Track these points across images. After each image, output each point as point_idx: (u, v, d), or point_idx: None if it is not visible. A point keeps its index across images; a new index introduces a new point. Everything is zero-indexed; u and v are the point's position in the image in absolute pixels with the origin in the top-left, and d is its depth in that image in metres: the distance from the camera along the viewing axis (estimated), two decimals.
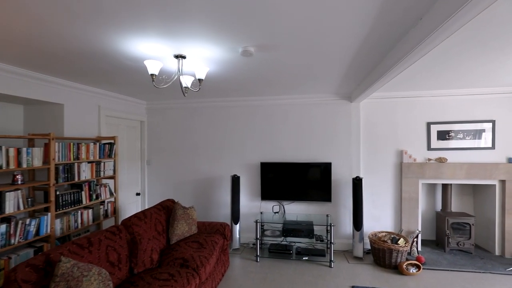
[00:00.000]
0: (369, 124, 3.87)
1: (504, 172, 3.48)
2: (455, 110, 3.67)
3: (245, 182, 4.17)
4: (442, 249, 3.73)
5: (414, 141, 3.77)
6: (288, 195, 3.93)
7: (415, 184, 3.72)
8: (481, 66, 2.61)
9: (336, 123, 3.92)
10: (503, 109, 3.54)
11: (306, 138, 3.99)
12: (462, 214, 3.71)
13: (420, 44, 1.67)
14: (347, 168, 3.89)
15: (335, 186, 3.91)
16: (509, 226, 3.48)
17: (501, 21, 1.69)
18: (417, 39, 1.70)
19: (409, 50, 1.82)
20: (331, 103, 3.92)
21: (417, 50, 1.77)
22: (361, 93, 3.32)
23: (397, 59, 2.10)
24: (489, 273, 3.13)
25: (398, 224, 3.83)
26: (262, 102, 4.07)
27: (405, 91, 3.70)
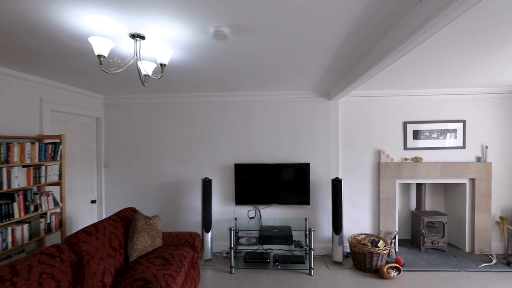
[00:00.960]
0: (347, 123, 3.75)
1: (474, 171, 3.56)
2: (429, 109, 3.68)
3: (218, 186, 3.82)
4: (417, 248, 3.73)
5: (391, 141, 3.73)
6: (264, 199, 3.65)
7: (392, 184, 3.67)
8: (453, 68, 2.58)
9: (314, 122, 3.74)
10: (473, 109, 3.62)
11: (284, 138, 3.76)
12: (436, 213, 3.74)
13: (405, 41, 1.63)
14: (325, 168, 3.73)
15: (314, 188, 3.73)
16: (479, 223, 3.57)
17: (470, 29, 1.79)
18: (400, 36, 1.67)
19: (396, 45, 1.72)
20: (310, 100, 3.74)
21: (403, 46, 1.69)
22: (341, 90, 3.17)
23: (382, 54, 2.01)
24: (463, 271, 3.14)
25: (376, 225, 3.75)
26: (237, 98, 3.75)
27: (382, 90, 3.63)
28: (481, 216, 3.55)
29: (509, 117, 3.58)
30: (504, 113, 3.59)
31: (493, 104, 3.60)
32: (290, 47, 2.07)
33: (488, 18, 1.64)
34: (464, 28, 1.79)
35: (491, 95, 3.58)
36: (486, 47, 2.13)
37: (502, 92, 3.53)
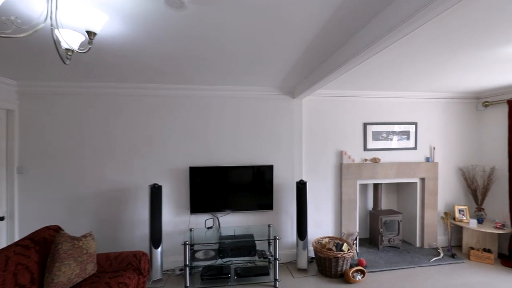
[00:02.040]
0: (311, 123, 3.62)
1: (424, 170, 3.77)
2: (387, 111, 3.78)
3: (170, 193, 3.30)
4: (375, 247, 3.80)
5: (353, 142, 3.72)
6: (223, 206, 3.28)
7: (353, 185, 3.66)
8: (409, 72, 2.66)
9: (278, 121, 3.51)
10: (423, 112, 3.84)
11: (245, 138, 3.44)
12: (391, 212, 3.86)
13: (369, 46, 1.68)
14: (289, 171, 3.53)
15: (277, 192, 3.50)
16: (428, 219, 3.79)
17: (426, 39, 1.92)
18: (370, 37, 1.68)
19: (361, 50, 1.76)
20: (273, 98, 3.49)
21: (373, 47, 1.69)
22: (306, 89, 3.00)
23: (347, 57, 1.99)
24: (418, 267, 3.26)
25: (338, 227, 3.70)
26: (193, 92, 3.30)
27: (345, 90, 3.59)
28: (429, 213, 3.78)
29: (453, 120, 3.89)
30: (449, 117, 3.89)
31: (440, 108, 3.87)
32: (258, 33, 1.76)
33: (437, 31, 1.80)
34: (417, 40, 1.91)
35: (438, 100, 3.84)
36: (436, 58, 2.33)
37: (447, 98, 3.82)
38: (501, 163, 3.58)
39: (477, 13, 1.56)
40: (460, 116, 3.91)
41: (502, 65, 2.54)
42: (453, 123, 3.89)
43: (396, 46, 2.04)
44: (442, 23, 1.68)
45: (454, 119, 3.89)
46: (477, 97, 3.89)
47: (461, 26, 1.72)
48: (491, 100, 3.68)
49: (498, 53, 2.21)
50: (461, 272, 3.11)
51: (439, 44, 2.02)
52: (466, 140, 3.93)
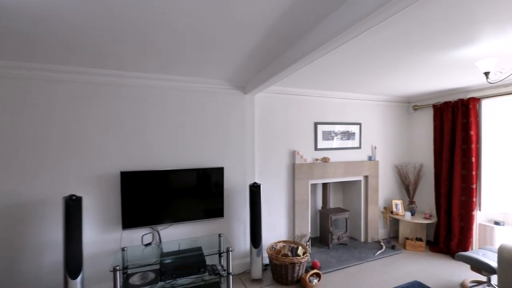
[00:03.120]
0: (264, 121, 3.41)
1: (367, 168, 3.97)
2: (336, 112, 3.85)
3: (93, 205, 2.63)
4: (326, 246, 3.81)
5: (305, 141, 3.66)
6: (165, 216, 2.78)
7: (306, 185, 3.59)
8: (354, 74, 2.81)
9: (229, 118, 3.18)
10: (366, 113, 4.05)
11: (192, 136, 3.00)
12: (340, 210, 3.95)
13: (324, 43, 1.67)
14: (241, 173, 3.23)
15: (228, 196, 3.16)
16: (371, 215, 4.00)
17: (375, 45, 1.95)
18: (320, 38, 1.71)
19: (317, 46, 1.74)
20: (224, 92, 3.15)
21: (326, 45, 1.69)
22: (259, 84, 2.77)
23: (301, 54, 1.92)
24: (365, 262, 3.37)
25: (291, 229, 3.58)
26: (128, 80, 2.70)
27: (298, 88, 3.50)
28: (372, 208, 4.00)
29: (390, 122, 4.21)
30: (387, 118, 4.20)
31: (380, 110, 4.14)
32: (213, 6, 1.41)
33: (370, 38, 1.91)
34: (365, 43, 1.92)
35: (378, 102, 4.10)
36: (372, 63, 2.47)
37: (385, 100, 4.11)
38: (428, 160, 4.02)
39: (410, 25, 1.70)
40: (395, 118, 4.26)
41: (429, 72, 2.77)
42: (390, 124, 4.22)
43: (340, 49, 2.02)
44: (376, 31, 1.75)
45: (390, 121, 4.22)
46: (408, 101, 4.30)
47: (391, 36, 1.87)
48: (420, 104, 4.11)
49: (425, 60, 2.40)
50: (401, 262, 3.33)
51: (374, 50, 2.12)
52: (400, 140, 4.31)
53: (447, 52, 2.18)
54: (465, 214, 3.36)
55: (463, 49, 2.10)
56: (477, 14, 1.57)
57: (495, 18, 1.63)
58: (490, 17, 1.62)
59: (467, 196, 3.35)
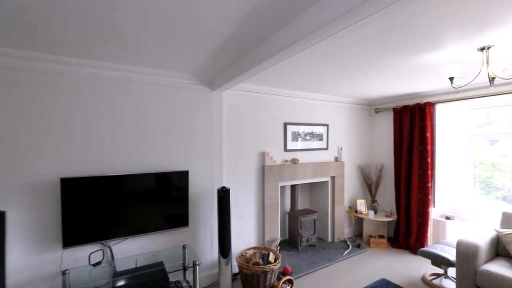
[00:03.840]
0: (232, 121, 3.20)
1: (334, 169, 4.02)
2: (304, 112, 3.81)
3: (23, 221, 2.12)
4: (295, 248, 3.74)
5: (275, 142, 3.54)
6: (119, 229, 2.39)
7: (276, 187, 3.47)
8: (324, 77, 2.83)
9: (194, 117, 2.89)
10: (334, 115, 4.10)
11: (152, 136, 2.65)
12: (308, 211, 3.91)
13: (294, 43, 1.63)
14: (208, 176, 2.97)
15: (194, 203, 2.87)
16: (337, 215, 4.05)
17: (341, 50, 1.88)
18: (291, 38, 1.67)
19: (288, 45, 1.69)
20: (189, 88, 2.85)
21: (294, 47, 1.68)
22: (228, 80, 2.57)
23: (274, 51, 1.83)
24: (335, 263, 3.37)
25: (261, 234, 3.42)
26: (71, 68, 2.24)
27: (267, 87, 3.36)
28: (338, 208, 4.06)
29: (354, 123, 4.33)
30: (351, 120, 4.31)
31: (345, 112, 4.23)
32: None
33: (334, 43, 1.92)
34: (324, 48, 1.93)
35: (344, 104, 4.19)
36: (336, 64, 2.50)
37: (350, 103, 4.22)
38: (389, 160, 4.23)
39: (374, 30, 1.76)
40: (359, 120, 4.41)
41: (391, 76, 2.88)
42: (354, 126, 4.35)
43: (308, 49, 1.91)
44: (341, 36, 1.67)
45: (355, 123, 4.35)
46: (370, 104, 4.49)
47: (358, 39, 1.91)
48: (381, 107, 4.31)
49: (387, 65, 2.49)
50: (367, 261, 3.41)
51: (338, 52, 2.15)
52: (363, 141, 4.48)
53: (410, 57, 2.26)
54: (422, 211, 3.59)
55: (424, 54, 2.17)
56: (440, 21, 1.60)
57: (458, 26, 1.68)
58: (453, 25, 1.68)
59: (423, 194, 3.58)
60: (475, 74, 2.20)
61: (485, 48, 1.98)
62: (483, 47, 1.99)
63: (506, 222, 2.62)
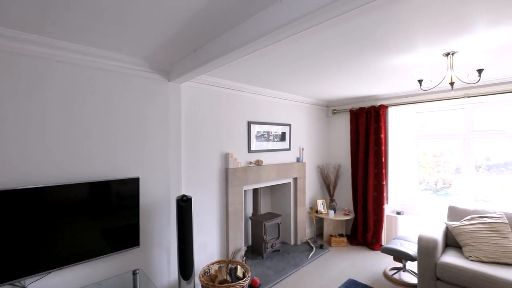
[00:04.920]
0: (192, 118, 2.78)
1: (296, 170, 3.93)
2: (268, 111, 3.61)
3: None
4: (260, 256, 3.51)
5: (238, 142, 3.24)
6: (42, 260, 1.76)
7: (240, 192, 3.18)
8: (287, 75, 2.74)
9: (147, 111, 2.39)
10: (295, 115, 4.01)
11: (91, 135, 2.06)
12: (272, 215, 3.73)
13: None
14: (164, 183, 2.49)
15: (146, 216, 2.37)
16: (300, 217, 3.98)
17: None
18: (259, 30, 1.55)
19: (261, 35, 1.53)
20: (141, 76, 2.34)
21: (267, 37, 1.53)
22: (188, 70, 2.22)
23: (242, 42, 1.66)
24: (301, 267, 3.25)
25: (225, 246, 3.07)
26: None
27: (231, 81, 3.04)
28: (301, 210, 4.00)
29: (314, 124, 4.34)
30: (311, 120, 4.31)
31: (306, 112, 4.20)
32: None
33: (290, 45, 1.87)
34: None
35: (305, 104, 4.16)
36: (296, 63, 2.46)
37: (310, 103, 4.21)
38: (345, 160, 4.37)
39: (337, 31, 1.77)
40: (318, 121, 4.45)
41: (349, 78, 2.94)
42: (314, 126, 4.37)
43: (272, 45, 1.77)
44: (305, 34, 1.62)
45: (314, 123, 4.37)
46: (327, 105, 4.58)
47: (325, 39, 1.91)
48: (338, 109, 4.43)
49: (348, 68, 2.54)
50: (332, 262, 3.40)
51: (304, 50, 2.09)
52: (322, 142, 4.54)
53: (372, 60, 2.31)
54: (377, 208, 3.78)
55: (389, 57, 2.20)
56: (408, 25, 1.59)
57: (427, 31, 1.71)
58: (422, 29, 1.71)
59: (378, 192, 3.77)
60: (439, 78, 2.32)
61: (449, 53, 2.08)
62: (448, 53, 2.08)
63: (452, 215, 2.89)
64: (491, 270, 2.20)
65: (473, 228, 2.56)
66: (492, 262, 2.33)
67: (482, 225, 2.54)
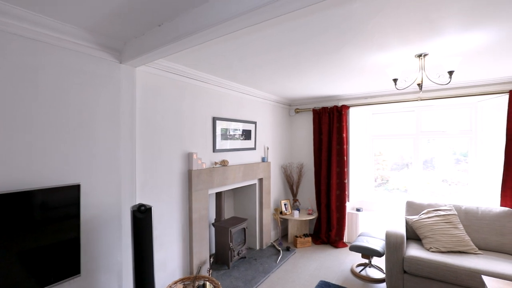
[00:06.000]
0: (149, 111, 2.31)
1: (262, 170, 3.74)
2: (234, 106, 3.32)
3: None
4: (225, 265, 3.19)
5: (203, 141, 2.87)
6: None
7: (205, 197, 2.81)
8: (253, 69, 2.57)
9: (92, 100, 1.85)
10: (261, 112, 3.81)
11: (15, 129, 1.46)
12: (237, 220, 3.44)
13: None
14: (114, 191, 1.98)
15: (89, 233, 1.83)
16: (265, 219, 3.79)
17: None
18: None
19: None
20: (81, 52, 1.79)
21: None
22: (145, 51, 1.83)
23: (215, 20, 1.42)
24: (271, 273, 3.06)
25: (188, 260, 2.67)
26: None
27: (195, 70, 2.66)
28: (266, 212, 3.81)
29: (278, 122, 4.22)
30: (276, 119, 4.17)
31: (270, 110, 4.05)
32: None
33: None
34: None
35: (269, 101, 3.99)
36: (259, 57, 2.31)
37: (275, 101, 4.07)
38: (308, 159, 4.37)
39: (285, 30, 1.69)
40: (282, 119, 4.34)
41: (309, 78, 2.94)
42: (278, 124, 4.25)
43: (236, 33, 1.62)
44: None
45: (278, 121, 4.25)
46: (289, 104, 4.52)
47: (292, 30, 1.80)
48: (301, 108, 4.41)
49: (304, 67, 2.53)
50: (300, 264, 3.30)
51: (273, 43, 1.98)
52: (285, 141, 4.45)
53: (338, 58, 2.30)
54: (340, 206, 3.86)
55: (359, 56, 2.20)
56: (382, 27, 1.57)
57: (401, 35, 1.72)
58: (397, 32, 1.73)
59: (341, 190, 3.85)
60: (410, 78, 2.39)
61: (421, 55, 2.15)
62: (420, 54, 2.16)
63: (410, 210, 3.09)
64: (449, 259, 2.36)
65: (430, 221, 2.75)
66: (449, 252, 2.53)
67: (437, 218, 2.75)
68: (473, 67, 2.54)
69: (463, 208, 2.84)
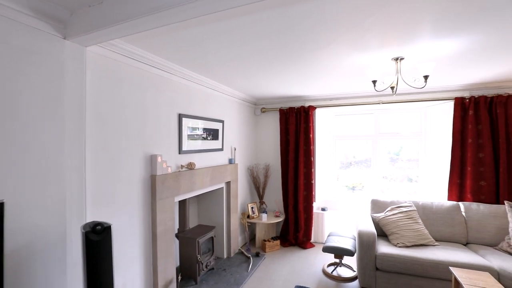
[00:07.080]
0: (103, 103, 1.85)
1: (229, 173, 3.48)
2: (202, 103, 2.99)
3: None
4: (192, 280, 2.84)
5: (167, 141, 2.48)
6: None
7: (170, 206, 2.43)
8: (221, 63, 2.44)
9: (21, 87, 1.35)
10: (228, 110, 3.55)
11: None
12: (204, 229, 3.11)
13: None
14: (55, 207, 1.50)
15: (17, 270, 1.33)
16: (233, 225, 3.54)
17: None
18: None
19: None
20: (9, 18, 1.28)
21: None
22: (100, 26, 1.44)
23: None
24: (244, 284, 2.84)
25: (151, 280, 2.25)
26: None
27: (162, 59, 2.27)
28: (234, 217, 3.57)
29: (244, 122, 4.00)
30: (242, 118, 3.95)
31: (237, 108, 3.81)
32: None
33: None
34: None
35: (236, 100, 3.75)
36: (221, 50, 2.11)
37: (242, 99, 3.84)
38: (275, 160, 4.26)
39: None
40: (248, 118, 4.15)
41: (278, 78, 2.89)
42: (245, 124, 4.04)
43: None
44: None
45: (245, 120, 4.04)
46: (255, 103, 4.36)
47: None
48: (267, 107, 4.28)
49: (273, 64, 2.46)
50: (272, 270, 3.15)
51: (225, 36, 1.85)
52: (251, 141, 4.26)
53: (309, 57, 2.25)
54: (307, 207, 3.86)
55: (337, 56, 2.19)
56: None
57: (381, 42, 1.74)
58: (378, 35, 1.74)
59: (308, 191, 3.86)
60: (387, 81, 2.44)
61: (398, 58, 2.22)
62: (397, 58, 2.22)
63: (375, 208, 3.24)
64: (416, 253, 2.52)
65: (395, 217, 2.92)
66: (413, 246, 2.71)
67: (401, 214, 2.93)
68: (432, 75, 2.77)
69: (420, 203, 3.10)
